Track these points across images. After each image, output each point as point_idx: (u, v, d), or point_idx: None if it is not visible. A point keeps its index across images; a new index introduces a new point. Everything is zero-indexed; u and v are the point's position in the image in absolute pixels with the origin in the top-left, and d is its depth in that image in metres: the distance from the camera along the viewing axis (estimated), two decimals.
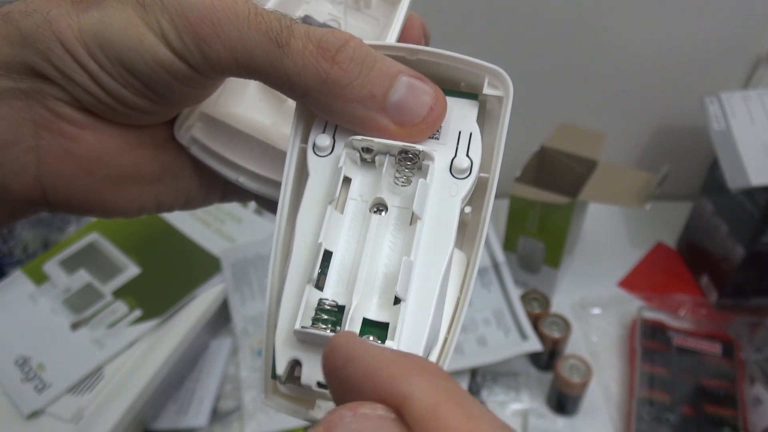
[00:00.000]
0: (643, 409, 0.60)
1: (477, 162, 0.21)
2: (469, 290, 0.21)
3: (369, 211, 0.21)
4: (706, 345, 0.65)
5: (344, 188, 0.21)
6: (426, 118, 0.21)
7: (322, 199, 0.21)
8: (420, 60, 0.22)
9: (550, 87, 0.81)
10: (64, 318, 0.63)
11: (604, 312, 0.72)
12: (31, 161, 0.21)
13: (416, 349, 0.19)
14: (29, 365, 0.61)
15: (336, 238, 0.20)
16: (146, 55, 0.20)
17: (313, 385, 0.19)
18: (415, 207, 0.20)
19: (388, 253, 0.20)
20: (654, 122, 0.85)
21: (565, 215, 0.66)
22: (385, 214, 0.21)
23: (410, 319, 0.19)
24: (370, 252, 0.20)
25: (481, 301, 0.69)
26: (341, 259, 0.20)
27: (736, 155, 0.62)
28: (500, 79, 0.22)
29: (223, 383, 0.65)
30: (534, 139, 0.73)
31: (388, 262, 0.20)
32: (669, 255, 0.82)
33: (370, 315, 0.19)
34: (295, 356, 0.19)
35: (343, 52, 0.20)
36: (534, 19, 0.74)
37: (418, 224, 0.20)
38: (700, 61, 0.78)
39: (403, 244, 0.20)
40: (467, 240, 0.22)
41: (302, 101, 0.21)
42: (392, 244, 0.20)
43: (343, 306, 0.19)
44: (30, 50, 0.20)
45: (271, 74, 0.20)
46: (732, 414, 0.59)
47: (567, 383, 0.59)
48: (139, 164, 0.24)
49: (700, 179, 0.76)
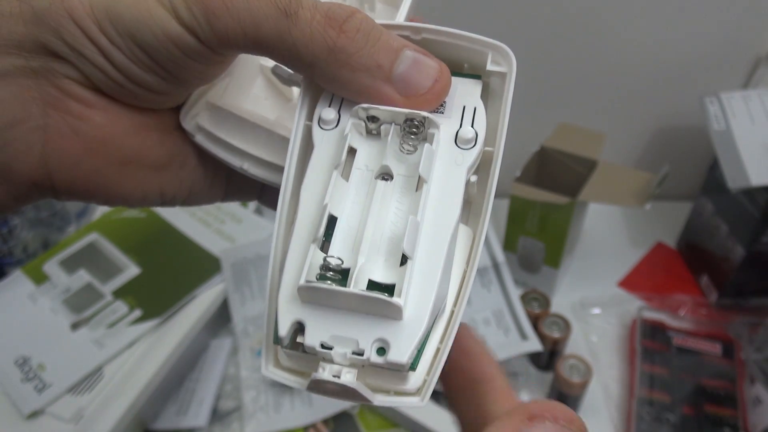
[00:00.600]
0: (643, 409, 0.60)
1: (482, 133, 0.21)
2: (475, 264, 0.21)
3: (374, 179, 0.21)
4: (706, 345, 0.65)
5: (349, 159, 0.21)
6: (431, 89, 0.21)
7: (327, 168, 0.21)
8: (425, 39, 0.22)
9: (550, 87, 0.81)
10: (64, 318, 0.63)
11: (604, 312, 0.73)
12: (37, 140, 0.21)
13: (423, 311, 0.19)
14: (29, 365, 0.61)
15: (341, 204, 0.20)
16: (156, 29, 0.20)
17: (317, 346, 0.19)
18: (421, 170, 0.20)
19: (393, 219, 0.20)
20: (654, 122, 0.85)
21: (565, 215, 0.66)
22: (391, 182, 0.21)
23: (417, 280, 0.19)
24: (375, 216, 0.20)
25: (481, 301, 0.69)
26: (346, 223, 0.20)
27: (736, 155, 0.62)
28: (503, 55, 0.22)
29: (223, 383, 0.65)
30: (534, 139, 0.73)
31: (394, 227, 0.20)
32: (669, 255, 0.82)
33: (375, 277, 0.19)
34: (299, 317, 0.19)
35: (350, 22, 0.20)
36: (534, 19, 0.74)
37: (424, 188, 0.20)
38: (700, 61, 0.78)
39: (409, 208, 0.20)
40: (473, 216, 0.22)
41: (309, 72, 0.21)
42: (398, 210, 0.20)
43: (348, 269, 0.19)
44: (42, 28, 0.20)
45: (279, 45, 0.20)
46: (732, 414, 0.59)
47: (567, 383, 0.59)
48: (145, 148, 0.24)
49: (700, 179, 0.76)
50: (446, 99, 0.22)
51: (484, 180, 0.22)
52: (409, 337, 0.18)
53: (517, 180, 0.68)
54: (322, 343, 0.19)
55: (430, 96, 0.21)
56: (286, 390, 0.64)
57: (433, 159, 0.20)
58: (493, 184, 0.21)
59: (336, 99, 0.22)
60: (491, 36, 0.23)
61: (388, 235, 0.20)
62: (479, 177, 0.22)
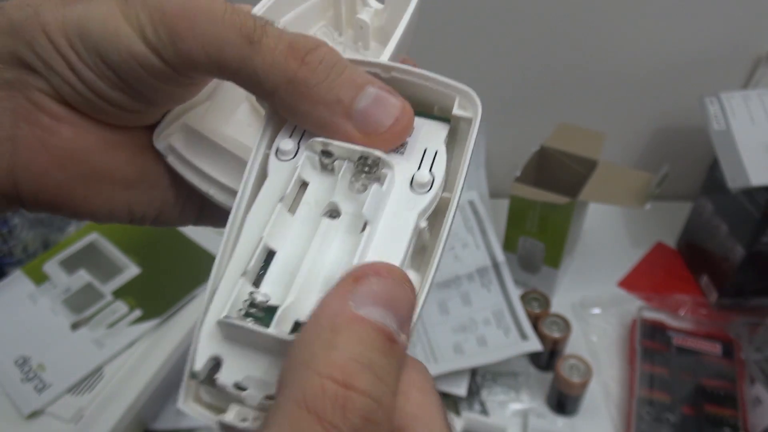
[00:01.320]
0: (643, 409, 0.60)
1: (439, 179, 0.20)
2: (417, 311, 0.19)
3: (321, 216, 0.20)
4: (706, 345, 0.65)
5: (300, 192, 0.20)
6: (391, 128, 0.20)
7: (275, 200, 0.20)
8: (393, 78, 0.22)
9: (551, 87, 0.81)
10: (64, 318, 0.63)
11: (604, 312, 0.73)
12: (5, 151, 0.21)
13: None
14: (29, 365, 0.61)
15: (282, 239, 0.20)
16: (121, 47, 0.20)
17: (229, 386, 0.18)
18: (365, 211, 0.19)
19: (333, 258, 0.19)
20: (654, 122, 0.85)
21: (565, 215, 0.66)
22: (338, 220, 0.20)
23: None
24: (315, 253, 0.19)
25: (481, 301, 0.69)
26: (284, 259, 0.19)
27: (736, 155, 0.62)
28: (469, 100, 0.22)
29: None
30: (534, 139, 0.73)
31: (332, 266, 0.19)
32: (669, 255, 0.82)
33: (303, 317, 0.18)
34: (217, 353, 0.18)
35: (314, 54, 0.20)
36: (534, 19, 0.74)
37: (367, 229, 0.19)
38: (700, 61, 0.78)
39: (351, 249, 0.19)
40: (424, 263, 0.21)
41: (271, 101, 0.21)
42: (339, 250, 0.19)
43: (276, 306, 0.18)
44: (18, 40, 0.20)
45: (241, 72, 0.20)
46: (732, 414, 0.59)
47: (567, 383, 0.59)
48: (114, 165, 0.24)
49: (700, 179, 0.76)
50: (409, 140, 0.21)
51: (438, 227, 0.21)
52: None
53: (517, 180, 0.68)
54: (235, 383, 0.18)
55: (389, 135, 0.20)
56: None
57: (382, 200, 0.20)
58: (446, 232, 0.20)
59: (298, 130, 0.21)
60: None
61: (324, 274, 0.19)
62: (434, 223, 0.21)
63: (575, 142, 0.72)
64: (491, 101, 0.82)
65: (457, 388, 0.63)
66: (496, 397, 0.64)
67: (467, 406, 0.63)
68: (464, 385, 0.64)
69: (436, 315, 0.69)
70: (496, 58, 0.78)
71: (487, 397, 0.64)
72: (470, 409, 0.62)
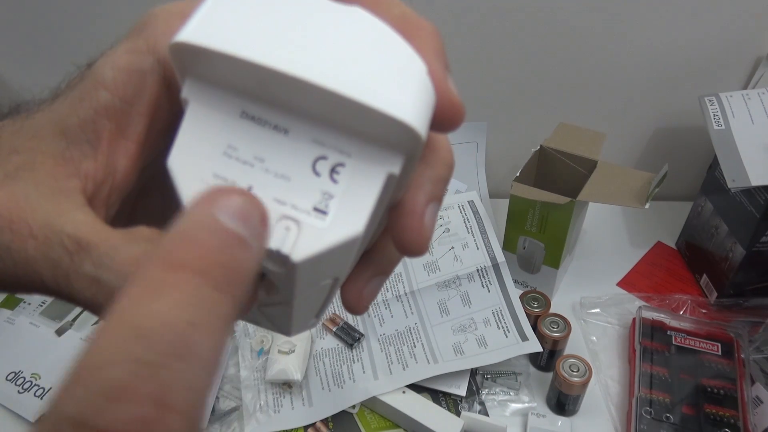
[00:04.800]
0: (643, 409, 0.60)
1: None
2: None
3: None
4: (706, 345, 0.65)
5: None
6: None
7: None
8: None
9: (550, 87, 0.81)
10: (47, 327, 0.63)
11: (604, 312, 0.73)
12: None
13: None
14: (22, 377, 0.61)
15: None
16: None
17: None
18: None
19: None
20: (654, 122, 0.85)
21: (564, 215, 0.66)
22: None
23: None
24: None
25: (481, 301, 0.69)
26: None
27: (736, 155, 0.62)
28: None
29: (222, 383, 0.65)
30: (534, 139, 0.73)
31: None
32: (669, 255, 0.82)
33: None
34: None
35: None
36: (535, 19, 0.74)
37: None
38: (700, 61, 0.78)
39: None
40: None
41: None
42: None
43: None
44: None
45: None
46: (732, 414, 0.59)
47: (567, 383, 0.59)
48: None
49: (700, 179, 0.76)
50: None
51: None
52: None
53: (516, 180, 0.68)
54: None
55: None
56: (286, 390, 0.64)
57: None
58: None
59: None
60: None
61: None
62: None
63: (575, 142, 0.72)
64: (491, 101, 0.83)
65: (457, 388, 0.64)
66: (496, 397, 0.64)
67: (467, 406, 0.63)
68: (464, 385, 0.64)
69: (436, 315, 0.69)
70: (496, 58, 0.78)
71: (487, 397, 0.64)
72: (470, 409, 0.62)
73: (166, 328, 0.12)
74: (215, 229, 0.14)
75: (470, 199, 0.78)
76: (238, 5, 0.17)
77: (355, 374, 0.64)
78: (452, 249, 0.73)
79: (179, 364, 0.12)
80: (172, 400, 0.12)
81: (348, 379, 0.64)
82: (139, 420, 0.11)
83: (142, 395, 0.12)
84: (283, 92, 0.16)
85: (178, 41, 0.16)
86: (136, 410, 0.11)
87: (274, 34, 0.16)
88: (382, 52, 0.17)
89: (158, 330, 0.12)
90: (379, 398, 0.61)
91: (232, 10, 0.17)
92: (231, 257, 0.14)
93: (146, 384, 0.12)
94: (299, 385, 0.64)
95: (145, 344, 0.12)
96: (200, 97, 0.17)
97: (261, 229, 0.15)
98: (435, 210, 0.19)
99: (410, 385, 0.62)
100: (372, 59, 0.16)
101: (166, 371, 0.12)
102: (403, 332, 0.68)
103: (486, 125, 0.84)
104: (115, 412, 0.11)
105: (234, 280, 0.14)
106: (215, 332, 0.13)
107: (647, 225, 0.85)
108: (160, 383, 0.12)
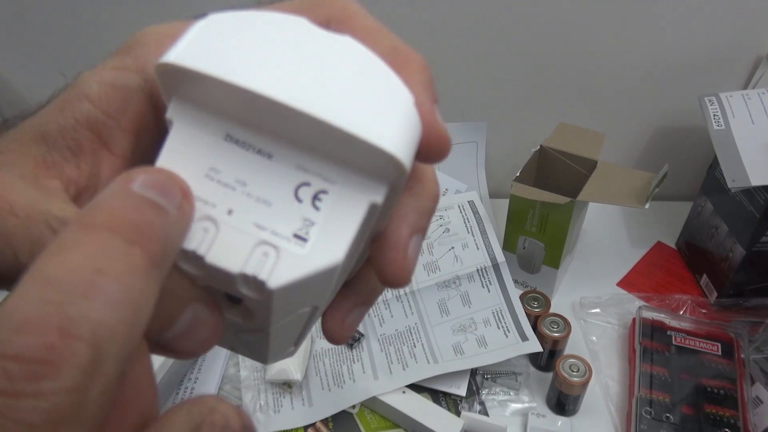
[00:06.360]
0: (643, 409, 0.60)
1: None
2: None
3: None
4: (706, 345, 0.65)
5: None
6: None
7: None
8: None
9: (551, 87, 0.81)
10: None
11: (604, 312, 0.73)
12: None
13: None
14: None
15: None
16: None
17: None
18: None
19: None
20: (654, 122, 0.85)
21: (564, 215, 0.66)
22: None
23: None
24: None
25: (481, 301, 0.69)
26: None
27: (736, 155, 0.62)
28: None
29: (223, 383, 0.65)
30: (534, 139, 0.73)
31: None
32: (669, 255, 0.82)
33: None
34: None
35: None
36: (535, 19, 0.74)
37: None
38: (700, 61, 0.78)
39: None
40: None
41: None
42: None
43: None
44: None
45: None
46: (732, 414, 0.59)
47: (567, 383, 0.59)
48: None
49: (700, 179, 0.76)
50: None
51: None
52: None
53: (516, 180, 0.68)
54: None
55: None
56: (286, 390, 0.64)
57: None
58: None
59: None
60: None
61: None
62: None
63: (575, 142, 0.72)
64: (491, 101, 0.83)
65: (457, 388, 0.64)
66: (496, 397, 0.64)
67: (467, 406, 0.63)
68: (464, 385, 0.64)
69: (436, 315, 0.69)
70: (497, 58, 0.78)
71: (486, 397, 0.64)
72: (470, 409, 0.62)
73: (73, 273, 0.13)
74: (128, 194, 0.15)
75: (470, 199, 0.78)
76: (228, 29, 0.17)
77: (355, 374, 0.64)
78: (452, 249, 0.73)
79: (84, 302, 0.13)
80: (76, 330, 0.12)
81: (348, 379, 0.64)
82: (43, 346, 0.12)
83: (47, 325, 0.12)
84: (268, 117, 0.16)
85: (164, 62, 0.16)
86: (40, 339, 0.12)
87: (263, 59, 0.16)
88: (369, 81, 0.17)
89: (65, 275, 0.13)
90: (379, 398, 0.61)
91: (221, 33, 0.17)
92: (142, 216, 0.14)
93: (51, 317, 0.12)
94: (299, 385, 0.64)
95: (52, 287, 0.13)
96: (185, 118, 0.17)
97: (182, 201, 0.16)
98: (418, 242, 0.19)
99: (410, 385, 0.62)
100: (358, 88, 0.16)
101: (71, 307, 0.13)
102: (403, 332, 0.68)
103: (486, 125, 0.84)
104: (21, 341, 0.12)
105: (147, 235, 0.14)
106: (125, 278, 0.13)
107: (647, 225, 0.85)
108: (64, 317, 0.12)
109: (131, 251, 0.14)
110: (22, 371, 0.12)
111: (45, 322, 0.12)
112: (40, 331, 0.12)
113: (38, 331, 0.12)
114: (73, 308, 0.13)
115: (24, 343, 0.12)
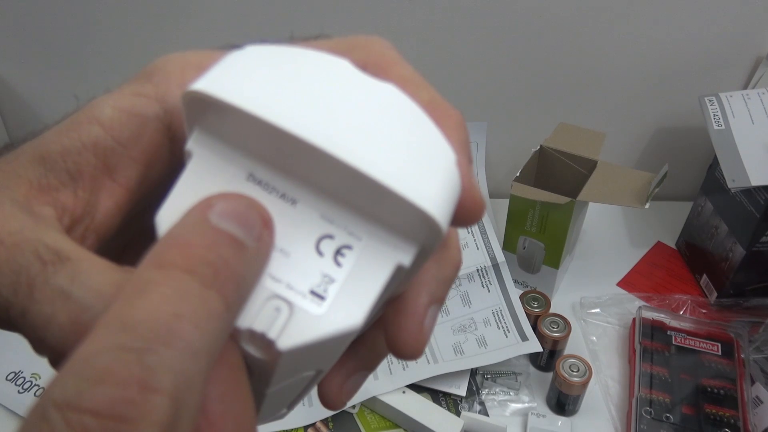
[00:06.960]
0: (643, 409, 0.60)
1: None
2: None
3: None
4: (706, 345, 0.65)
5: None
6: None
7: None
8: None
9: (551, 87, 0.81)
10: None
11: (604, 312, 0.73)
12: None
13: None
14: (22, 377, 0.61)
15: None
16: None
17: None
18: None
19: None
20: (654, 122, 0.85)
21: (564, 215, 0.66)
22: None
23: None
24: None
25: (481, 301, 0.69)
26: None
27: (736, 155, 0.62)
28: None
29: None
30: (534, 139, 0.73)
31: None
32: (669, 255, 0.82)
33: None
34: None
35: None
36: (534, 19, 0.74)
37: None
38: (699, 61, 0.78)
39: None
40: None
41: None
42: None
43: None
44: None
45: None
46: (732, 414, 0.59)
47: (567, 383, 0.59)
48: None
49: (700, 179, 0.76)
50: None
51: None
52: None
53: (516, 180, 0.68)
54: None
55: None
56: None
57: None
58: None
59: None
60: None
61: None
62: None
63: (575, 142, 0.72)
64: (491, 101, 0.83)
65: (457, 388, 0.64)
66: (496, 397, 0.64)
67: (467, 406, 0.63)
68: (464, 385, 0.64)
69: None
70: (497, 58, 0.78)
71: (487, 397, 0.64)
72: (470, 409, 0.62)
73: (152, 319, 0.12)
74: (204, 228, 0.14)
75: None
76: (265, 62, 0.16)
77: None
78: None
79: (164, 350, 0.12)
80: (156, 382, 0.12)
81: None
82: (122, 400, 0.11)
83: (126, 378, 0.12)
84: (297, 160, 0.15)
85: (194, 89, 0.15)
86: (119, 392, 0.12)
87: (298, 98, 0.15)
88: (411, 134, 0.15)
89: (144, 321, 0.12)
90: (379, 398, 0.61)
91: (257, 66, 0.15)
92: (219, 255, 0.14)
93: (130, 368, 0.12)
94: None
95: (131, 333, 0.12)
96: (206, 152, 0.16)
97: (262, 231, 0.15)
98: (435, 313, 0.18)
99: (410, 385, 0.62)
100: (399, 140, 0.15)
101: (151, 356, 0.12)
102: None
103: (486, 125, 0.84)
104: (98, 394, 0.11)
105: (223, 277, 0.14)
106: (202, 324, 0.13)
107: (647, 225, 0.85)
108: (144, 367, 0.12)
109: (208, 296, 0.13)
110: (99, 427, 0.11)
111: (124, 373, 0.12)
112: (119, 383, 0.12)
113: (117, 383, 0.12)
114: (153, 358, 0.12)
115: (103, 396, 0.11)
